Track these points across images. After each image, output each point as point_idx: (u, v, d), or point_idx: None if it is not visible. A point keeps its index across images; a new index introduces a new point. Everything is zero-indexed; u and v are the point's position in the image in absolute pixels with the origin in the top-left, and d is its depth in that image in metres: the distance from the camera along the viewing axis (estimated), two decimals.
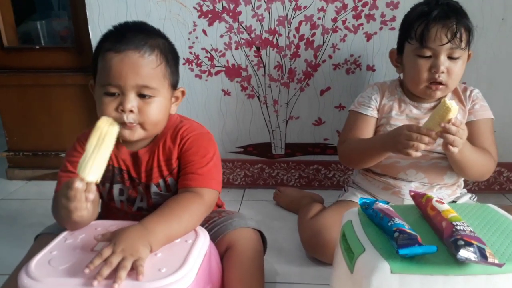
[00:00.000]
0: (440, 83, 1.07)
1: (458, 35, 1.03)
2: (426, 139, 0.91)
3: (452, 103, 0.87)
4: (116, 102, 0.82)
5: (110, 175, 0.92)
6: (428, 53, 1.06)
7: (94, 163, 0.70)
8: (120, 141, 0.91)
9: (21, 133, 1.79)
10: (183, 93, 0.94)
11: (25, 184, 1.77)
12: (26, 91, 1.73)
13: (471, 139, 1.06)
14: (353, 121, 1.19)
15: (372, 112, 1.17)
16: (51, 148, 1.80)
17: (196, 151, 0.89)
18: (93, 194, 0.71)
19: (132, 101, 0.82)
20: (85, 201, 0.71)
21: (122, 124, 0.82)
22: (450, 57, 1.06)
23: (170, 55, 0.88)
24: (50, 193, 0.88)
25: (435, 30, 1.04)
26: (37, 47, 1.74)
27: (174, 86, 0.91)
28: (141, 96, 0.83)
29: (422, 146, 0.92)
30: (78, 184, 0.69)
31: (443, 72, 1.05)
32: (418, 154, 0.94)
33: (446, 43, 1.03)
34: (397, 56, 1.17)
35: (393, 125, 1.13)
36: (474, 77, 1.41)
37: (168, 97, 0.89)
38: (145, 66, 0.82)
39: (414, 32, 1.07)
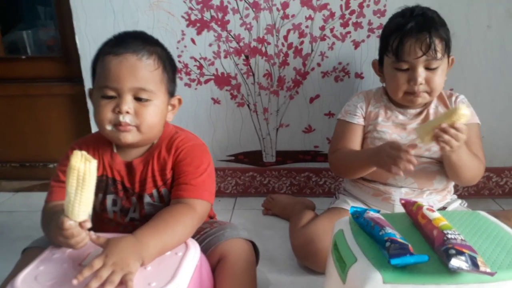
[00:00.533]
0: (420, 93, 1.09)
1: (432, 47, 1.04)
2: (405, 157, 0.93)
3: (467, 112, 0.89)
4: (112, 104, 0.83)
5: (104, 185, 0.91)
6: (405, 66, 1.08)
7: (80, 205, 0.67)
8: (115, 151, 0.90)
9: (8, 144, 1.76)
10: (179, 101, 0.95)
11: (12, 196, 1.73)
12: (13, 101, 1.70)
13: None
14: (341, 130, 1.21)
15: (359, 120, 1.19)
16: (38, 159, 1.77)
17: (190, 161, 0.88)
18: (88, 222, 0.70)
19: (128, 103, 0.82)
20: (83, 231, 0.69)
21: (117, 125, 0.82)
22: (427, 68, 1.07)
23: (167, 62, 0.89)
24: (38, 205, 0.87)
25: (409, 44, 1.05)
26: (23, 57, 1.72)
27: (171, 93, 0.91)
28: (138, 99, 0.83)
29: (403, 164, 0.93)
30: (70, 223, 0.67)
31: (421, 84, 1.07)
32: (399, 172, 0.95)
33: (421, 56, 1.05)
34: (379, 66, 1.19)
35: (380, 131, 1.15)
36: (461, 83, 1.43)
37: (165, 102, 0.89)
38: (143, 69, 0.83)
39: (390, 46, 1.09)
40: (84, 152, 0.67)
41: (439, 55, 1.05)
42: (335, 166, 1.21)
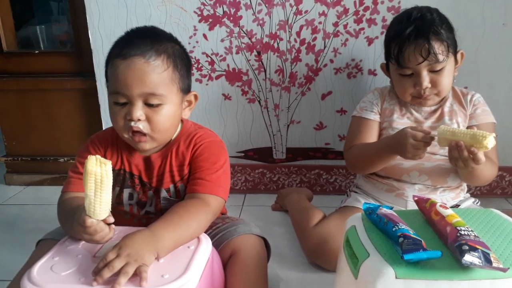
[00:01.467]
0: (428, 96, 1.09)
1: (432, 52, 1.03)
2: (430, 144, 0.93)
3: (491, 145, 0.86)
4: (124, 111, 0.83)
5: (121, 179, 0.92)
6: (408, 71, 1.08)
7: (101, 205, 0.68)
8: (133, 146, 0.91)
9: (20, 138, 1.78)
10: (195, 97, 0.94)
11: (23, 190, 1.76)
12: (25, 96, 1.72)
13: None
14: (357, 126, 1.20)
15: (375, 116, 1.18)
16: (49, 153, 1.79)
17: (207, 157, 0.89)
18: (111, 217, 0.70)
19: (139, 110, 0.82)
20: (106, 226, 0.70)
21: (132, 133, 0.83)
22: (432, 71, 1.06)
23: (179, 60, 0.87)
24: (49, 198, 0.88)
25: (409, 52, 1.05)
26: (36, 51, 1.74)
27: (185, 90, 0.90)
28: (149, 105, 0.83)
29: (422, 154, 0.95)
30: (92, 221, 0.68)
31: (427, 87, 1.07)
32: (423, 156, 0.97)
33: (422, 61, 1.04)
34: (386, 70, 1.19)
35: (395, 129, 1.13)
36: (475, 81, 1.42)
37: (178, 102, 0.88)
38: (151, 72, 0.81)
39: (392, 54, 1.08)
40: (98, 156, 0.68)
41: (440, 57, 1.04)
42: (351, 162, 1.20)
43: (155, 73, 0.82)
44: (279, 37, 1.45)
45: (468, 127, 1.10)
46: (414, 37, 1.04)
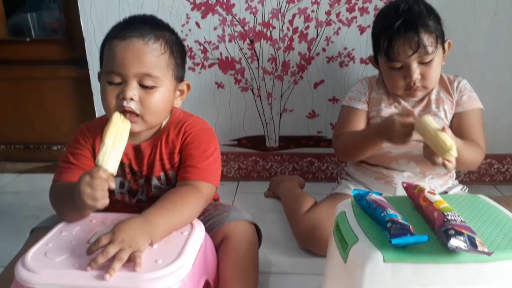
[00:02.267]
0: (417, 88, 1.10)
1: (422, 44, 1.04)
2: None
3: (452, 154, 0.86)
4: (117, 90, 0.83)
5: None
6: (398, 64, 1.09)
7: (116, 155, 0.73)
8: None
9: (13, 126, 1.78)
10: (188, 86, 0.95)
11: (16, 177, 1.76)
12: (17, 84, 1.71)
13: (460, 130, 1.09)
14: (345, 116, 1.22)
15: (363, 106, 1.20)
16: (42, 141, 1.79)
17: (198, 145, 0.90)
18: (113, 183, 0.73)
19: (133, 89, 0.82)
20: (107, 190, 0.72)
21: (123, 112, 0.82)
22: (421, 63, 1.07)
23: (175, 48, 0.88)
24: (42, 186, 0.88)
25: (398, 45, 1.05)
26: (28, 39, 1.72)
27: (179, 79, 0.91)
28: (143, 86, 0.83)
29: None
30: (102, 174, 0.70)
31: (417, 79, 1.08)
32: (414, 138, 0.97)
33: (412, 54, 1.05)
34: (375, 63, 1.19)
35: (383, 117, 1.14)
36: (467, 68, 1.43)
37: (171, 88, 0.89)
38: (149, 53, 0.82)
39: (381, 47, 1.09)
40: (122, 116, 0.79)
41: (430, 49, 1.05)
42: (340, 150, 1.22)
43: (153, 55, 0.83)
44: (271, 26, 1.45)
45: (454, 114, 1.12)
46: (403, 30, 1.04)
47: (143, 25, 0.84)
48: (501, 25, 1.40)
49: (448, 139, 0.86)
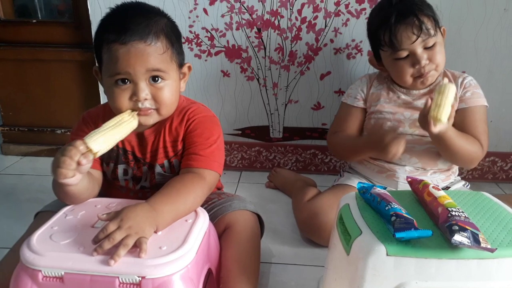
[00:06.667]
0: (428, 73, 1.10)
1: (424, 27, 1.05)
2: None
3: (442, 120, 0.95)
4: (128, 92, 0.82)
5: (115, 155, 0.93)
6: (404, 53, 1.09)
7: (104, 137, 0.74)
8: None
9: (17, 108, 1.78)
10: (189, 68, 0.94)
11: (20, 160, 1.76)
12: (23, 66, 1.71)
13: (462, 126, 1.09)
14: (343, 112, 1.26)
15: (358, 103, 1.22)
16: (47, 124, 1.79)
17: (201, 132, 0.89)
18: (87, 162, 0.71)
19: (145, 89, 0.82)
20: (75, 162, 0.70)
21: (138, 111, 0.83)
22: (426, 48, 1.08)
23: (173, 36, 0.87)
24: (45, 169, 0.89)
25: (401, 33, 1.06)
26: (34, 21, 1.71)
27: (181, 65, 0.91)
28: (153, 80, 0.83)
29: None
30: (80, 145, 0.70)
31: (426, 64, 1.09)
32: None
33: (416, 39, 1.06)
34: (377, 62, 1.19)
35: (383, 112, 1.17)
36: (474, 65, 1.42)
37: (177, 78, 0.89)
38: (153, 53, 0.81)
39: (383, 41, 1.09)
40: (134, 113, 0.82)
41: (432, 32, 1.07)
42: (332, 148, 1.27)
43: (157, 53, 0.82)
44: (280, 15, 1.44)
45: (457, 111, 1.12)
46: (403, 17, 1.06)
47: (139, 23, 0.81)
48: (511, 22, 1.39)
49: (446, 113, 0.94)
